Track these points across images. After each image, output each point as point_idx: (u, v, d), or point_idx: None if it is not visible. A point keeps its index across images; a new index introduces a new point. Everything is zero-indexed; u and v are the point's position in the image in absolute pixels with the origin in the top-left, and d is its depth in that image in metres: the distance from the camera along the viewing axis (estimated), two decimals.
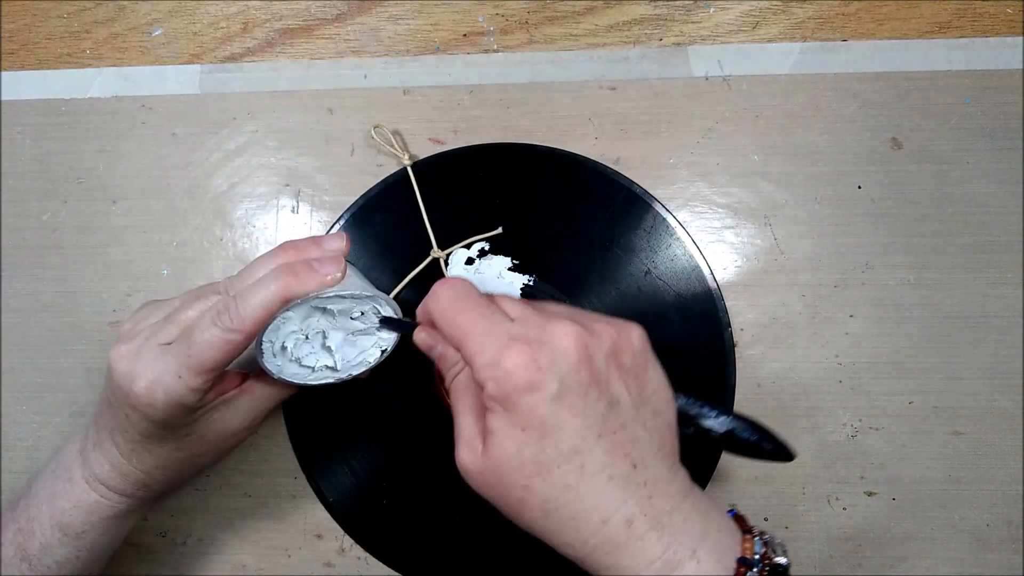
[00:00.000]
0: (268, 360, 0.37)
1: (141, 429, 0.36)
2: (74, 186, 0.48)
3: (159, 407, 0.35)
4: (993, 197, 0.45)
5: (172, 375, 0.34)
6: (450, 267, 0.45)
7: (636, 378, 0.31)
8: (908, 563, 0.44)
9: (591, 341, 0.30)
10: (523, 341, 0.29)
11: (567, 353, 0.29)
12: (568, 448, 0.29)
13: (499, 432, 0.29)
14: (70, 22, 0.50)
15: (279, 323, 0.36)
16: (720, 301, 0.45)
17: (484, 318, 0.30)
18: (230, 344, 0.34)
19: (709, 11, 0.48)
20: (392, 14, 0.49)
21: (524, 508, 0.30)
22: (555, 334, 0.29)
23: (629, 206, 0.46)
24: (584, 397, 0.29)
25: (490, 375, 0.29)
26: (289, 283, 0.35)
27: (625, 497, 0.29)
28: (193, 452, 0.39)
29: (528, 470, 0.29)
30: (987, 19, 0.47)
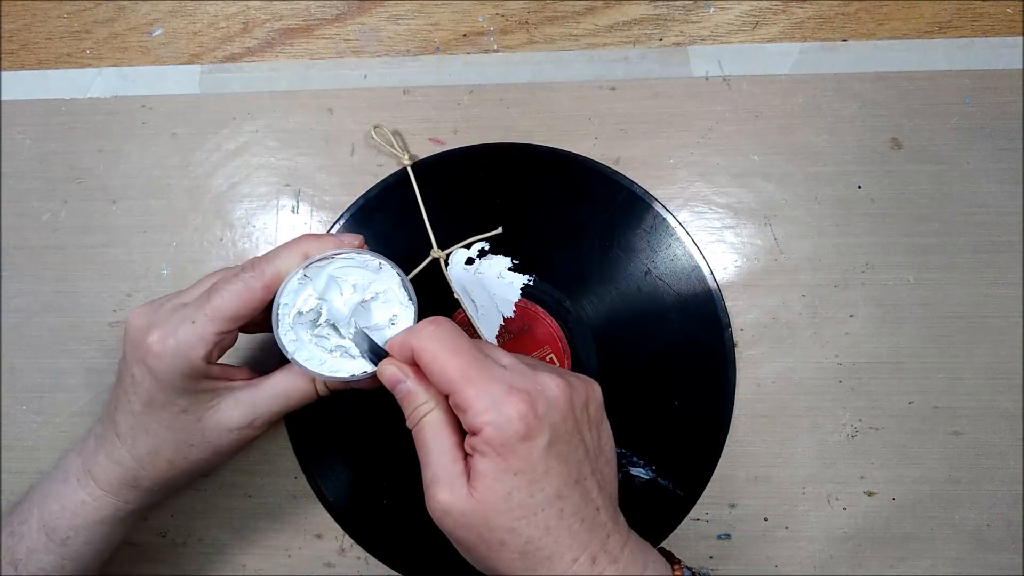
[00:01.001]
0: (283, 332, 0.35)
1: (143, 392, 0.36)
2: (74, 186, 0.48)
3: (167, 356, 0.35)
4: (993, 197, 0.45)
5: (187, 321, 0.35)
6: (450, 267, 0.45)
7: (597, 429, 0.34)
8: (908, 563, 0.44)
9: (572, 392, 0.33)
10: (521, 390, 0.31)
11: (557, 402, 0.32)
12: (553, 493, 0.31)
13: (490, 476, 0.31)
14: (70, 22, 0.50)
15: (295, 286, 0.35)
16: (720, 301, 0.45)
17: (479, 362, 0.32)
18: (249, 292, 0.35)
19: (709, 11, 0.48)
20: (392, 14, 0.49)
21: (502, 550, 0.31)
22: (546, 384, 0.32)
23: (629, 206, 0.46)
24: (568, 445, 0.32)
25: (490, 420, 0.30)
26: (310, 242, 0.36)
27: (591, 537, 0.32)
28: (188, 439, 0.37)
29: (516, 513, 0.31)
30: (987, 19, 0.47)
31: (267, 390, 0.38)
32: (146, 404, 0.36)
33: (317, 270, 0.36)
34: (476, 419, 0.31)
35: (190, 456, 0.38)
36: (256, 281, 0.35)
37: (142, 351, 0.35)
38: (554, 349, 0.45)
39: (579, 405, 0.33)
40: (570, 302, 0.45)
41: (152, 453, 0.37)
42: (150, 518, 0.46)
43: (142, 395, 0.36)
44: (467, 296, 0.45)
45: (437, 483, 0.32)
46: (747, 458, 0.45)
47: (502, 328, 0.45)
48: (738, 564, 0.44)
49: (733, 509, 0.45)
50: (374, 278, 0.37)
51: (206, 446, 0.38)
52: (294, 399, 0.38)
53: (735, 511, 0.45)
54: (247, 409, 0.38)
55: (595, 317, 0.45)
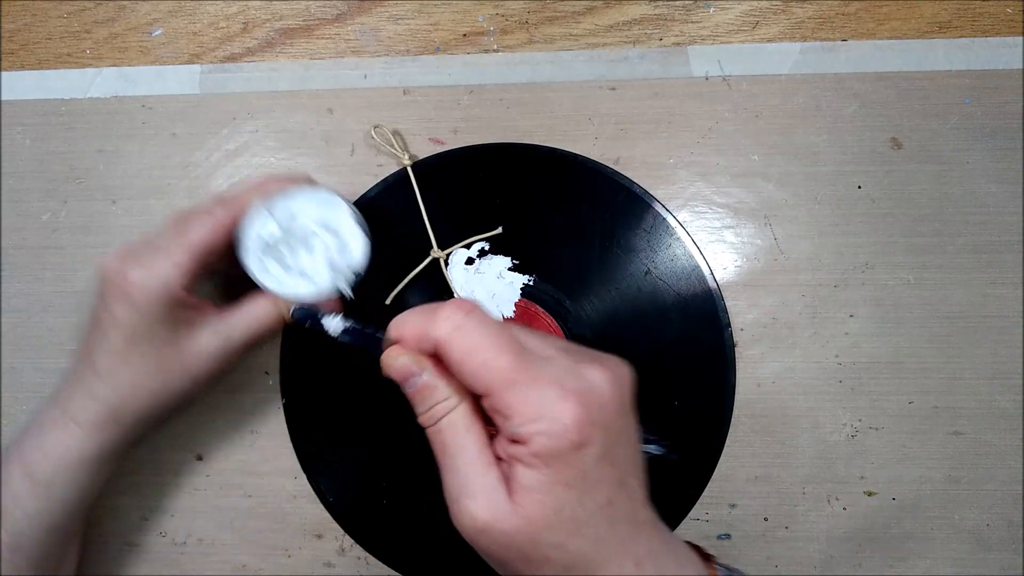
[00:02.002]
0: (249, 256, 0.40)
1: (125, 327, 0.37)
2: (74, 186, 0.48)
3: (147, 287, 0.37)
4: (993, 197, 0.46)
5: (161, 252, 0.37)
6: (450, 267, 0.45)
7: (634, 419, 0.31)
8: (908, 563, 0.44)
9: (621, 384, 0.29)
10: (573, 391, 0.27)
11: (610, 402, 0.28)
12: (604, 500, 0.28)
13: (539, 490, 0.27)
14: (70, 22, 0.50)
15: (259, 218, 0.40)
16: (720, 301, 0.45)
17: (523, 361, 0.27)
18: (216, 223, 0.38)
19: (709, 11, 0.48)
20: (392, 14, 0.49)
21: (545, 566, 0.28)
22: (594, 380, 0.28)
23: (629, 206, 0.46)
24: (620, 445, 0.28)
25: (541, 429, 0.27)
26: (272, 182, 0.40)
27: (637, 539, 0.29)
28: (168, 369, 0.38)
29: (567, 527, 0.27)
30: (987, 19, 0.47)
31: (238, 317, 0.40)
32: (128, 339, 0.37)
33: (275, 203, 0.40)
34: (523, 428, 0.27)
35: (170, 386, 0.39)
36: (222, 213, 0.39)
37: (124, 286, 0.37)
38: None
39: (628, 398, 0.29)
40: (570, 302, 0.45)
41: (134, 386, 0.38)
42: (150, 518, 0.46)
43: (124, 330, 0.37)
44: (467, 296, 0.45)
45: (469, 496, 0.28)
46: (747, 458, 0.45)
47: None
48: (738, 564, 0.44)
49: (733, 509, 0.45)
50: (329, 211, 0.41)
51: (185, 375, 0.39)
52: (264, 324, 0.40)
53: (735, 511, 0.45)
54: (222, 336, 0.40)
55: (595, 317, 0.45)
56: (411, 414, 0.45)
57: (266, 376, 0.46)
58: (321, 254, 0.41)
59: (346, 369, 0.45)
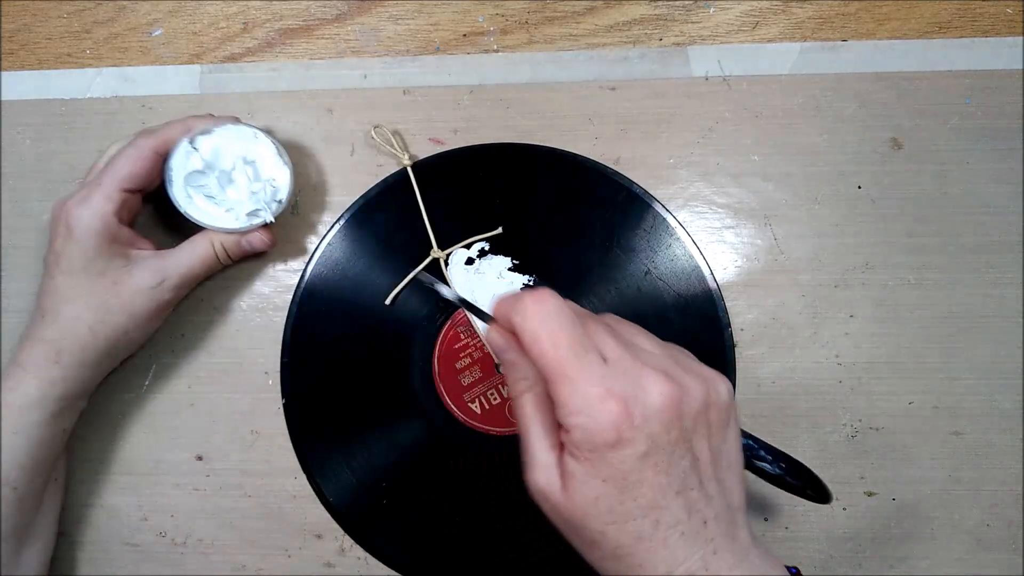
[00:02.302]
0: (176, 190, 0.42)
1: (63, 261, 0.40)
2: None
3: (83, 218, 0.40)
4: (993, 197, 0.45)
5: (94, 186, 0.41)
6: (450, 267, 0.45)
7: (718, 434, 0.31)
8: (908, 563, 0.44)
9: (683, 399, 0.30)
10: (618, 395, 0.29)
11: (660, 412, 0.29)
12: (647, 503, 0.29)
13: (579, 477, 0.29)
14: (70, 22, 0.50)
15: (183, 154, 0.42)
16: (720, 301, 0.45)
17: (578, 357, 0.29)
18: (140, 153, 0.41)
19: (709, 11, 0.48)
20: (392, 14, 0.49)
21: (594, 548, 0.30)
22: (650, 389, 0.29)
23: (629, 206, 0.46)
24: (670, 455, 0.29)
25: (579, 423, 0.29)
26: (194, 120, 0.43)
27: (692, 552, 0.29)
28: (105, 302, 0.41)
29: (606, 518, 0.29)
30: (987, 19, 0.47)
31: (173, 255, 0.43)
32: (67, 272, 0.40)
33: (201, 140, 0.43)
34: (567, 418, 0.29)
35: (108, 320, 0.41)
36: (146, 143, 0.41)
37: (63, 219, 0.40)
38: None
39: (691, 412, 0.30)
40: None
41: (73, 319, 0.40)
42: (150, 518, 0.46)
43: (63, 265, 0.40)
44: (467, 296, 0.45)
45: (534, 466, 0.31)
46: None
47: None
48: None
49: None
50: (253, 146, 0.44)
51: (122, 309, 0.41)
52: (197, 261, 0.43)
53: None
54: (157, 271, 0.42)
55: None
56: (410, 414, 0.45)
57: (266, 376, 0.46)
58: (244, 186, 0.43)
59: (346, 369, 0.45)
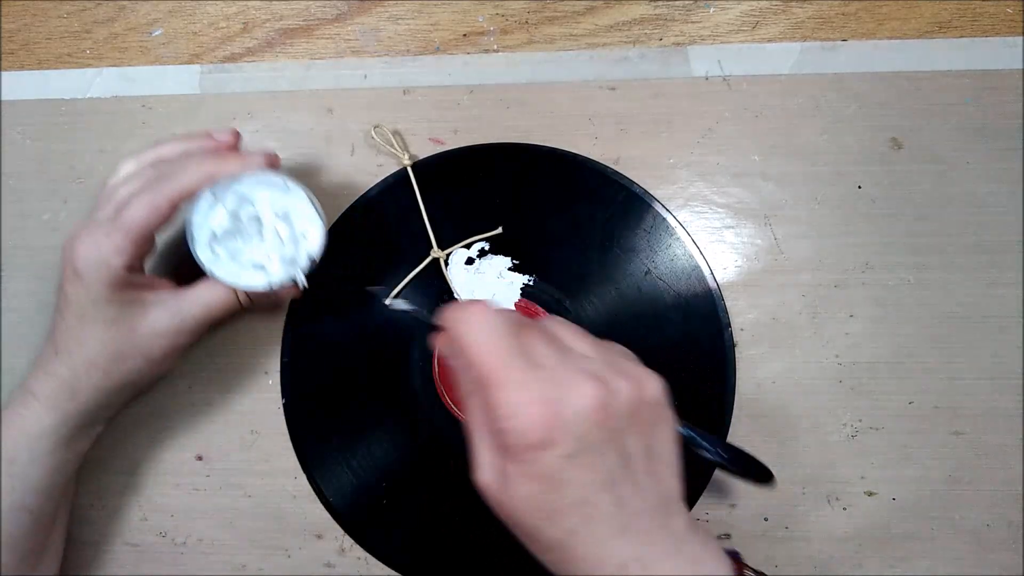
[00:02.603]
0: (200, 248, 0.39)
1: (74, 306, 0.38)
2: (74, 186, 0.48)
3: (91, 266, 0.38)
4: (993, 197, 0.45)
5: (103, 235, 0.38)
6: (450, 267, 0.45)
7: (650, 430, 0.32)
8: (908, 563, 0.44)
9: (611, 400, 0.31)
10: (543, 399, 0.30)
11: (586, 414, 0.30)
12: (577, 499, 0.30)
13: (513, 477, 0.31)
14: (70, 22, 0.50)
15: (206, 207, 0.39)
16: (720, 301, 0.45)
17: (508, 365, 0.31)
18: (153, 206, 0.38)
19: (709, 11, 0.48)
20: (392, 14, 0.49)
21: (532, 542, 0.32)
22: (576, 392, 0.30)
23: (629, 206, 0.46)
24: (597, 454, 0.30)
25: (509, 427, 0.30)
26: (214, 162, 0.39)
27: (623, 545, 0.31)
28: (119, 348, 0.39)
29: (538, 514, 0.31)
30: (987, 19, 0.47)
31: (192, 298, 0.41)
32: (78, 317, 0.39)
33: (225, 189, 0.39)
34: (499, 422, 0.30)
35: (123, 365, 0.40)
36: (161, 195, 0.38)
37: (72, 264, 0.38)
38: None
39: (620, 412, 0.31)
40: (570, 302, 0.45)
41: (87, 363, 0.39)
42: (150, 518, 0.46)
43: (74, 309, 0.39)
44: (467, 296, 0.45)
45: (478, 465, 0.32)
46: None
47: None
48: None
49: (733, 509, 0.45)
50: (283, 196, 0.40)
51: (137, 354, 0.40)
52: (218, 307, 0.41)
53: (735, 511, 0.45)
54: (174, 315, 0.40)
55: (595, 317, 0.45)
56: (411, 414, 0.45)
57: (266, 376, 0.46)
58: (274, 243, 0.40)
59: (346, 369, 0.45)
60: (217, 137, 0.42)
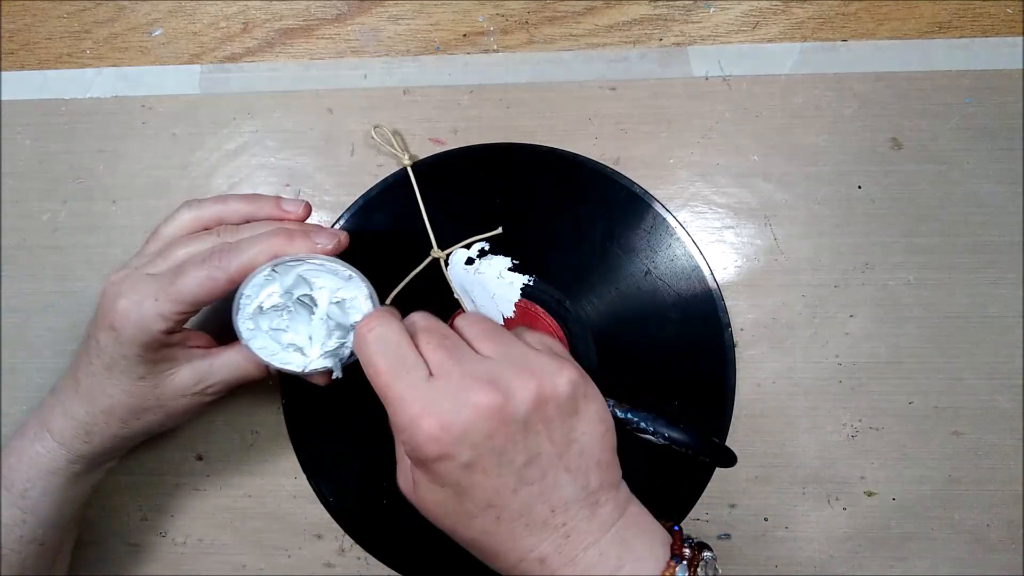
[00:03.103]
0: (242, 320, 0.37)
1: (105, 356, 0.37)
2: (74, 186, 0.48)
3: (130, 325, 0.36)
4: (993, 197, 0.45)
5: (150, 297, 0.36)
6: (450, 267, 0.45)
7: (563, 424, 0.32)
8: (908, 563, 0.44)
9: (507, 403, 0.31)
10: (434, 412, 0.30)
11: (479, 422, 0.30)
12: (484, 503, 0.31)
13: (421, 484, 0.32)
14: (70, 22, 0.50)
15: (262, 281, 0.37)
16: (720, 301, 0.45)
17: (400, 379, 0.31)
18: (212, 281, 0.36)
19: (709, 11, 0.48)
20: (392, 14, 0.49)
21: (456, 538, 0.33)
22: (468, 402, 0.30)
23: (629, 206, 0.46)
24: (498, 459, 0.31)
25: (405, 440, 0.31)
26: (282, 242, 0.37)
27: (541, 539, 0.31)
28: (142, 403, 0.39)
29: (451, 518, 0.32)
30: (987, 19, 0.47)
31: (221, 361, 0.40)
32: (107, 368, 0.38)
33: (286, 268, 0.37)
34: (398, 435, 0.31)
35: (143, 418, 0.40)
36: (221, 273, 0.36)
37: (109, 317, 0.37)
38: None
39: (518, 414, 0.31)
40: (570, 302, 0.45)
41: (107, 412, 0.39)
42: (150, 518, 0.46)
43: (104, 359, 0.38)
44: (467, 296, 0.45)
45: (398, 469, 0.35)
46: (747, 458, 0.45)
47: None
48: (738, 564, 0.44)
49: (733, 509, 0.45)
50: (342, 285, 0.38)
51: (159, 409, 0.40)
52: (244, 374, 0.40)
53: (735, 511, 0.45)
54: (200, 376, 0.39)
55: (595, 317, 0.45)
56: None
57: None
58: (320, 330, 0.38)
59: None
60: (286, 208, 0.40)
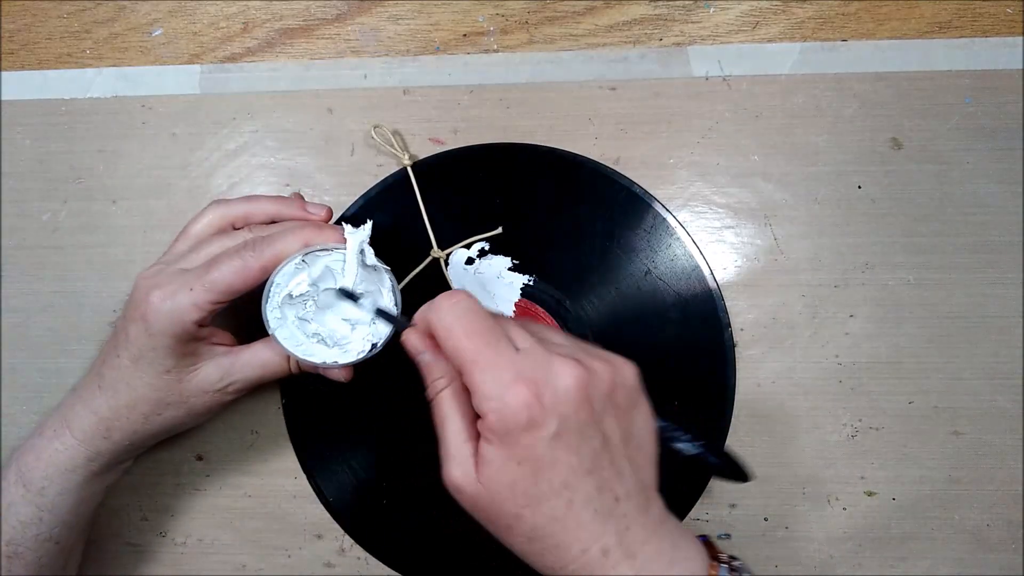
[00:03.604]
0: (270, 308, 0.38)
1: (134, 348, 0.38)
2: (74, 186, 0.48)
3: (163, 315, 0.37)
4: (993, 197, 0.45)
5: (185, 287, 0.37)
6: (450, 267, 0.45)
7: (627, 415, 0.33)
8: (908, 563, 0.44)
9: (591, 380, 0.31)
10: (528, 378, 0.30)
11: (568, 393, 0.30)
12: (560, 483, 0.30)
13: (495, 462, 0.31)
14: (70, 22, 0.50)
15: (292, 269, 0.37)
16: (720, 301, 0.45)
17: (491, 346, 0.31)
18: (245, 270, 0.37)
19: (709, 11, 0.48)
20: (392, 14, 0.49)
21: (511, 532, 0.32)
22: (559, 373, 0.31)
23: (629, 206, 0.46)
24: (580, 436, 0.31)
25: (493, 408, 0.30)
26: (312, 232, 0.38)
27: (605, 529, 0.31)
28: (166, 397, 0.39)
29: (520, 500, 0.31)
30: (987, 19, 0.47)
31: (245, 358, 0.40)
32: (134, 360, 0.38)
33: (315, 258, 0.38)
34: (481, 404, 0.30)
35: (164, 413, 0.40)
36: (255, 261, 0.37)
37: (142, 308, 0.37)
38: None
39: (599, 394, 0.31)
40: (570, 302, 0.45)
41: (130, 406, 0.39)
42: (150, 518, 0.46)
43: (132, 351, 0.38)
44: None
45: (450, 460, 0.32)
46: (747, 458, 0.44)
47: None
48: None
49: (733, 509, 0.45)
50: (369, 280, 0.39)
51: (181, 406, 0.40)
52: (268, 371, 0.40)
53: (735, 511, 0.45)
54: (225, 373, 0.40)
55: (595, 317, 0.45)
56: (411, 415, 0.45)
57: None
58: (344, 323, 0.39)
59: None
60: (310, 211, 0.41)
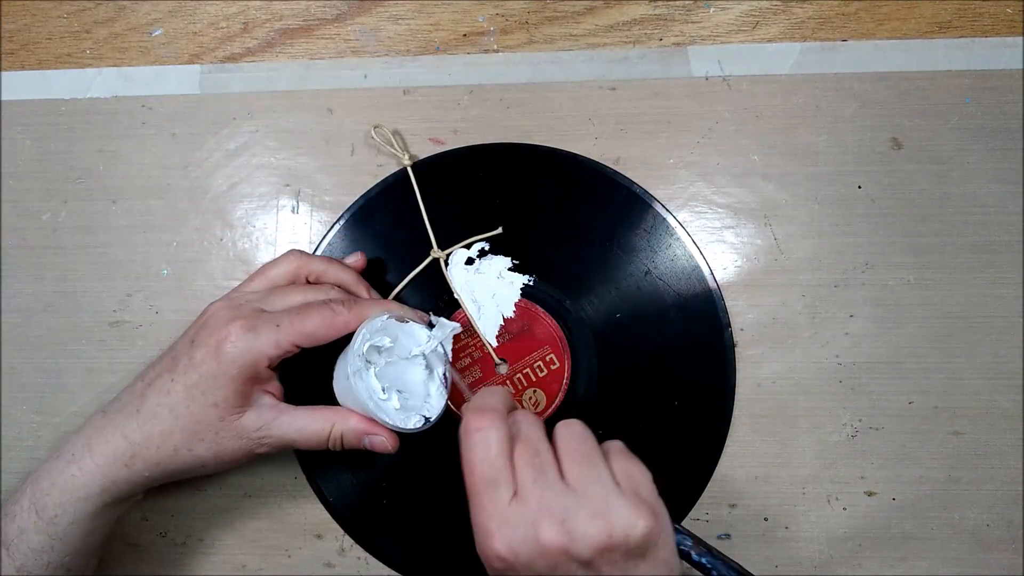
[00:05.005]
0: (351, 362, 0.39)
1: (194, 373, 0.38)
2: (74, 186, 0.48)
3: (240, 346, 0.37)
4: (993, 197, 0.46)
5: (272, 324, 0.38)
6: (450, 267, 0.45)
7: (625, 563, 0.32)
8: (908, 563, 0.44)
9: (572, 545, 0.32)
10: (507, 536, 0.32)
11: (542, 559, 0.32)
12: None
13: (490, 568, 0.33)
14: (70, 22, 0.50)
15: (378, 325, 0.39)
16: (720, 301, 0.45)
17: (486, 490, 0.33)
18: (336, 323, 0.39)
19: (709, 11, 0.48)
20: (392, 14, 0.49)
21: None
22: (538, 537, 0.32)
23: (629, 206, 0.46)
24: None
25: (478, 542, 0.33)
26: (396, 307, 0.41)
27: None
28: (203, 432, 0.38)
29: None
30: (987, 19, 0.47)
31: (288, 417, 0.40)
32: (189, 387, 0.38)
33: (396, 325, 0.40)
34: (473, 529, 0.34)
35: (195, 450, 0.39)
36: (340, 321, 0.39)
37: (220, 335, 0.38)
38: (554, 349, 0.45)
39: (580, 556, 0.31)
40: (570, 302, 0.45)
41: (164, 434, 0.38)
42: (150, 518, 0.46)
43: (192, 377, 0.38)
44: (467, 296, 0.45)
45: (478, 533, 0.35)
46: (747, 458, 0.45)
47: (502, 328, 0.45)
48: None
49: (733, 509, 0.45)
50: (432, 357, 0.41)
51: (212, 445, 0.39)
52: (304, 437, 0.40)
53: (735, 511, 0.45)
54: (264, 423, 0.39)
55: (595, 317, 0.45)
56: None
57: None
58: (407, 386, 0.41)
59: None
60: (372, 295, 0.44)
